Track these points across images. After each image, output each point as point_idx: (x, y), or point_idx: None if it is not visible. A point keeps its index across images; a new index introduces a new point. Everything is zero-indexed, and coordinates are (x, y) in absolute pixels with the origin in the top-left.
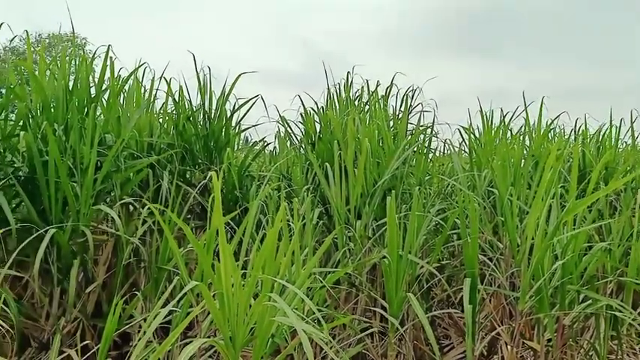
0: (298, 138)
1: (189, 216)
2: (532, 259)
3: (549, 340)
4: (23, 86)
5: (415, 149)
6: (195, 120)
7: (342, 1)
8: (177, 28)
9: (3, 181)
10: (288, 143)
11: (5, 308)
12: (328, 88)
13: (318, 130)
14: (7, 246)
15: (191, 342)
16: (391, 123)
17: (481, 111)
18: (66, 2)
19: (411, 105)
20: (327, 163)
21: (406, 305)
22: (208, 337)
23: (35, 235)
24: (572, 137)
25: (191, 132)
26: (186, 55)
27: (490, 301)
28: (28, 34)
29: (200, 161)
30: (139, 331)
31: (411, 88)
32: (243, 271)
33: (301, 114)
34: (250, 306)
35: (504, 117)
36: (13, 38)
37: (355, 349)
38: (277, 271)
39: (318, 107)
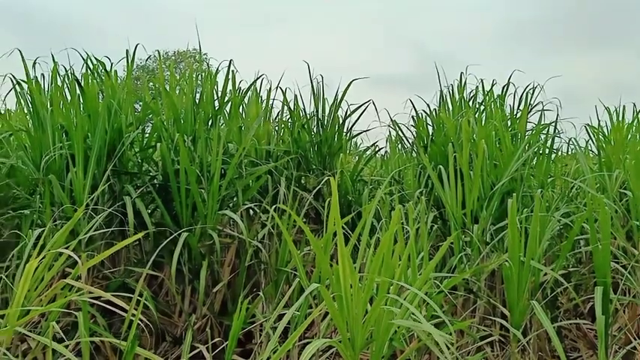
0: (410, 141)
1: (304, 220)
2: None
3: None
4: (157, 101)
5: (536, 150)
6: (310, 127)
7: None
8: (289, 39)
9: (141, 189)
10: (400, 147)
11: (146, 303)
12: (441, 90)
13: (430, 133)
14: (143, 247)
15: (308, 342)
16: (509, 123)
17: (607, 108)
18: (195, 24)
19: (530, 103)
20: (440, 166)
21: (529, 314)
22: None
23: (170, 238)
24: None
25: (305, 139)
26: (299, 64)
27: (624, 312)
28: (159, 54)
29: (314, 167)
30: (260, 330)
31: (530, 86)
32: (359, 274)
33: (413, 117)
34: (368, 309)
35: (638, 113)
36: (148, 58)
37: (474, 358)
38: (393, 275)
39: (430, 110)
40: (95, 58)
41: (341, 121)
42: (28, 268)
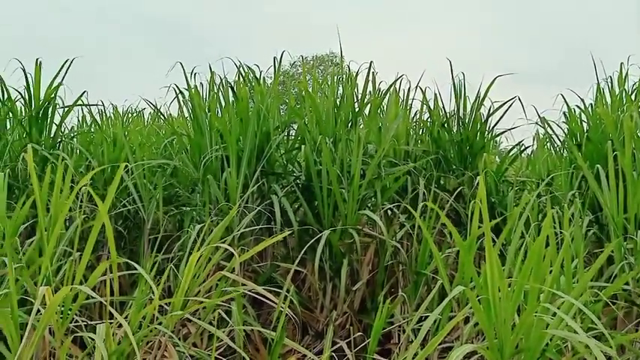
0: (560, 139)
1: (443, 223)
2: None
3: None
4: (301, 105)
5: None
6: (450, 126)
7: None
8: (426, 39)
9: (286, 189)
10: (548, 145)
11: (292, 298)
12: (598, 83)
13: (585, 130)
14: (288, 243)
15: (448, 346)
16: None
17: None
18: (337, 31)
19: None
20: (598, 166)
21: None
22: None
23: (316, 238)
24: None
25: (445, 138)
26: (436, 63)
27: None
28: (303, 59)
29: (454, 167)
30: (398, 330)
31: None
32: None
33: (564, 113)
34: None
35: None
36: (294, 63)
37: None
38: (543, 282)
39: (584, 105)
40: (247, 66)
41: (483, 119)
42: (191, 261)
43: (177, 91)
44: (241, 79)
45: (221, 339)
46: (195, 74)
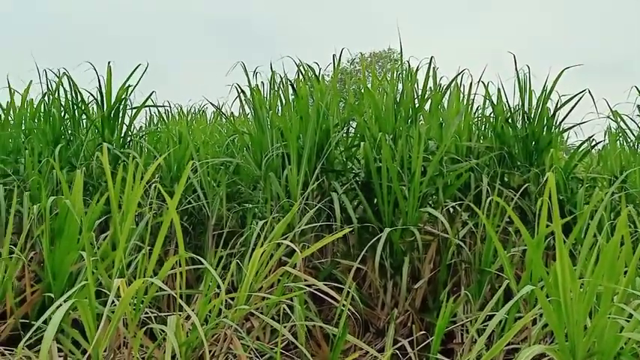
0: (635, 134)
1: (507, 220)
2: None
3: None
4: (361, 102)
5: None
6: (514, 121)
7: None
8: (489, 30)
9: (346, 186)
10: (622, 140)
11: (354, 295)
12: None
13: None
14: (348, 240)
15: (514, 348)
16: None
17: None
18: (397, 28)
19: None
20: None
21: None
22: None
23: (377, 236)
24: None
25: (509, 134)
26: (503, 56)
27: None
28: (362, 56)
29: (519, 163)
30: (461, 330)
31: None
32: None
33: (638, 106)
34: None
35: None
36: (352, 61)
37: None
38: (617, 282)
39: None
40: (307, 64)
41: (550, 114)
42: (254, 256)
43: (239, 90)
44: (301, 77)
45: (283, 334)
46: (257, 73)
